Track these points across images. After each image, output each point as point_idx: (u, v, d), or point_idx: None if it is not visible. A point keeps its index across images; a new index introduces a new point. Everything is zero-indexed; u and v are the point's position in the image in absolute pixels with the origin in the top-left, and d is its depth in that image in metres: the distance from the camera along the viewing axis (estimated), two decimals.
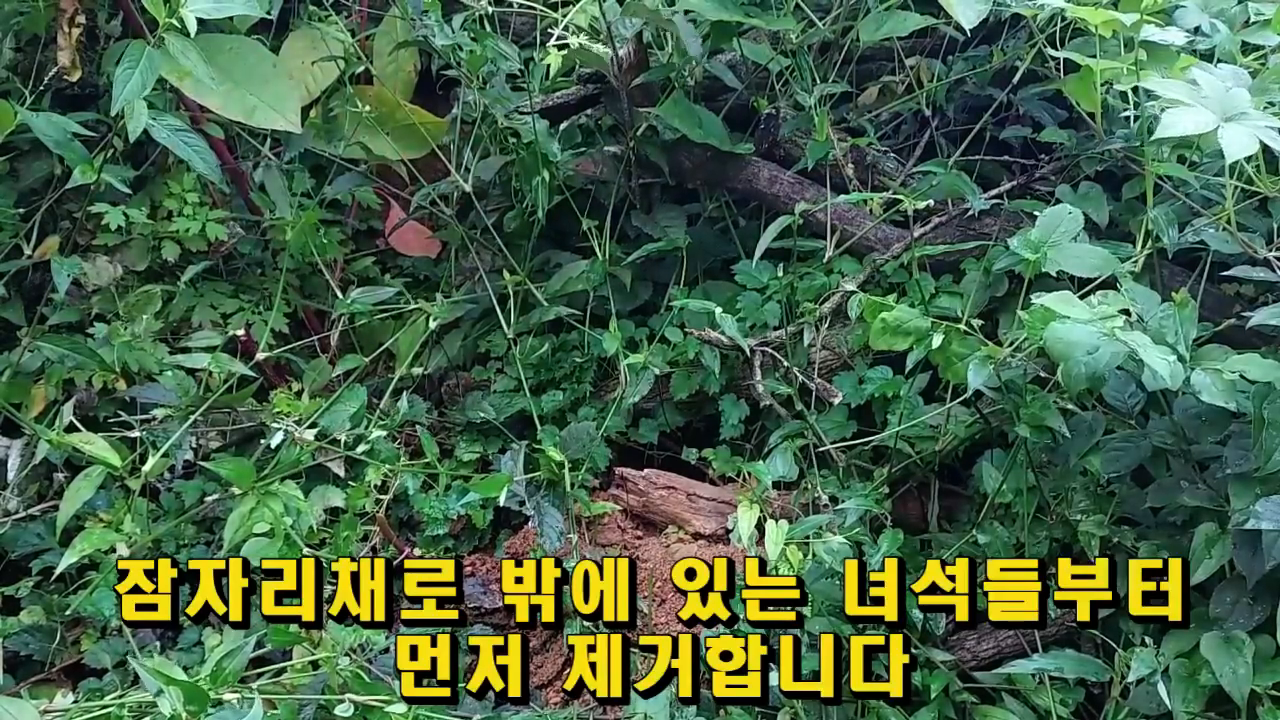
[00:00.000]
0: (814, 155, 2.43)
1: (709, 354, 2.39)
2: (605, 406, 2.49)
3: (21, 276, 2.52)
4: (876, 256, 2.40)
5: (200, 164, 2.08)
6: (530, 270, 2.61)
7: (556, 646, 2.29)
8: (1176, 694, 1.81)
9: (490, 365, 2.68)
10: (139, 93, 1.84)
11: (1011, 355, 1.91)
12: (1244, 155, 1.71)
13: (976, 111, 2.52)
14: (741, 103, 2.60)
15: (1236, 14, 2.16)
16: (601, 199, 2.64)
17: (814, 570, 2.02)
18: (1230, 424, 1.87)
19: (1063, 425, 1.94)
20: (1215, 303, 2.13)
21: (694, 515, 2.39)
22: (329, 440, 2.19)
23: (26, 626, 2.24)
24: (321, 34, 2.52)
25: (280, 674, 1.96)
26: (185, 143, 2.06)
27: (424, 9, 2.37)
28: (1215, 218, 2.03)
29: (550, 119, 2.57)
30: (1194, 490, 1.89)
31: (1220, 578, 1.84)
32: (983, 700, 2.02)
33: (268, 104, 2.34)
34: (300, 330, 2.75)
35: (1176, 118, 1.73)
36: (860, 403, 2.31)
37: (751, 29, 2.43)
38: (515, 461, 2.31)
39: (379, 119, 2.58)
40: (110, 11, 2.61)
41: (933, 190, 2.32)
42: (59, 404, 2.24)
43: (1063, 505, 2.06)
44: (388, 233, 2.93)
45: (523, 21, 2.75)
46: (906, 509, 2.31)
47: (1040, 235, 1.91)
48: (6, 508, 2.34)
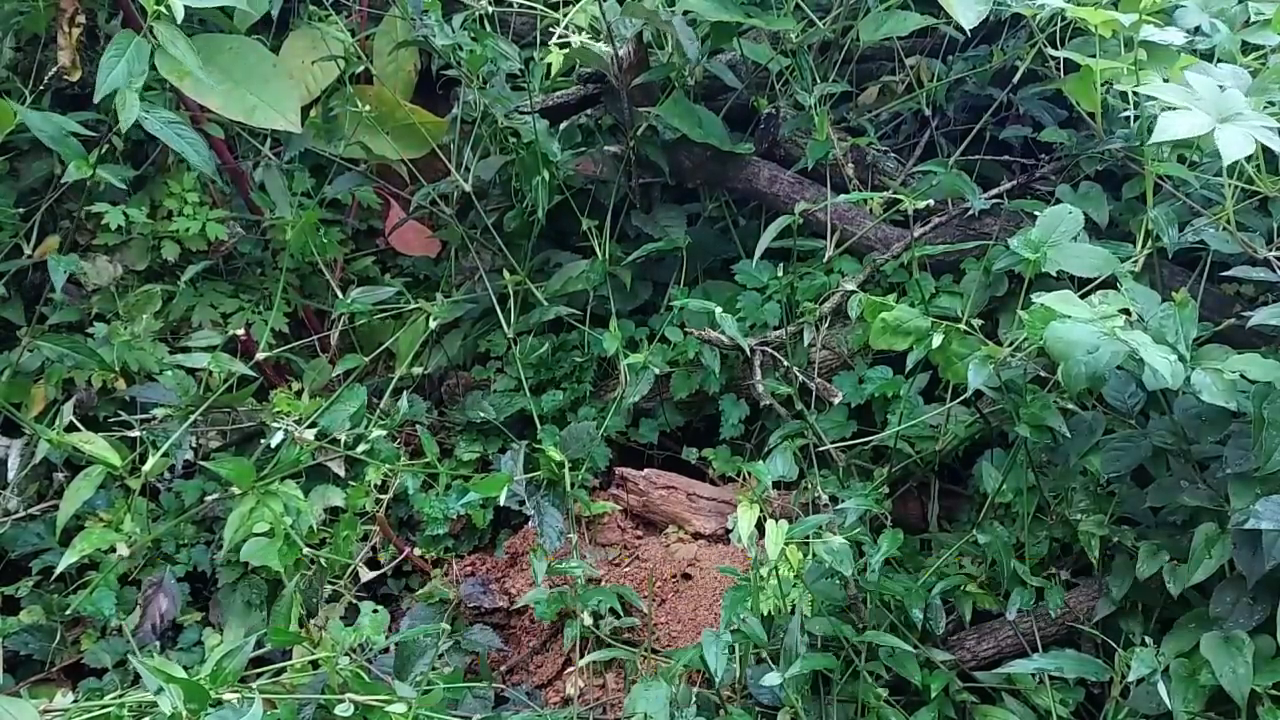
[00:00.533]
0: (814, 155, 2.44)
1: (709, 354, 2.39)
2: (605, 406, 2.49)
3: (21, 276, 2.52)
4: (876, 256, 2.40)
5: (194, 157, 2.08)
6: (530, 270, 2.61)
7: (556, 647, 2.30)
8: (1176, 694, 1.81)
9: (490, 365, 2.68)
10: (123, 81, 1.83)
11: (1011, 355, 1.91)
12: (1241, 156, 1.71)
13: (976, 111, 2.52)
14: (741, 102, 2.60)
15: (1236, 14, 2.16)
16: (601, 199, 2.64)
17: (814, 570, 2.02)
18: (1230, 424, 1.87)
19: (1063, 425, 1.94)
20: (1215, 302, 2.13)
21: (694, 515, 2.39)
22: (329, 440, 2.19)
23: (26, 626, 2.24)
24: (322, 34, 2.52)
25: (280, 674, 1.96)
26: (179, 135, 2.06)
27: (424, 9, 2.37)
28: (1215, 217, 2.03)
29: (550, 119, 2.57)
30: (1194, 490, 1.89)
31: (1220, 578, 1.84)
32: (983, 700, 2.02)
33: (268, 103, 2.33)
34: (300, 330, 2.75)
35: (1172, 121, 1.73)
36: (860, 402, 2.31)
37: (751, 29, 2.43)
38: (515, 461, 2.31)
39: (379, 119, 2.58)
40: (110, 11, 2.61)
41: (933, 190, 2.32)
42: (59, 403, 2.25)
43: (1063, 505, 2.06)
44: (388, 232, 2.93)
45: (523, 21, 2.75)
46: (906, 509, 2.31)
47: (1040, 235, 1.91)
48: (6, 507, 2.34)
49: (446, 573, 2.42)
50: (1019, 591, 2.00)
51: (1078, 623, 2.01)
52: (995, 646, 2.06)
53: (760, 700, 1.99)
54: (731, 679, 2.01)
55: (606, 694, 2.19)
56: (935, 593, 2.02)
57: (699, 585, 2.29)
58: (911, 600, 1.98)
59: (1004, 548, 2.01)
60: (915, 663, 1.95)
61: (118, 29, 2.63)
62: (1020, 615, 2.00)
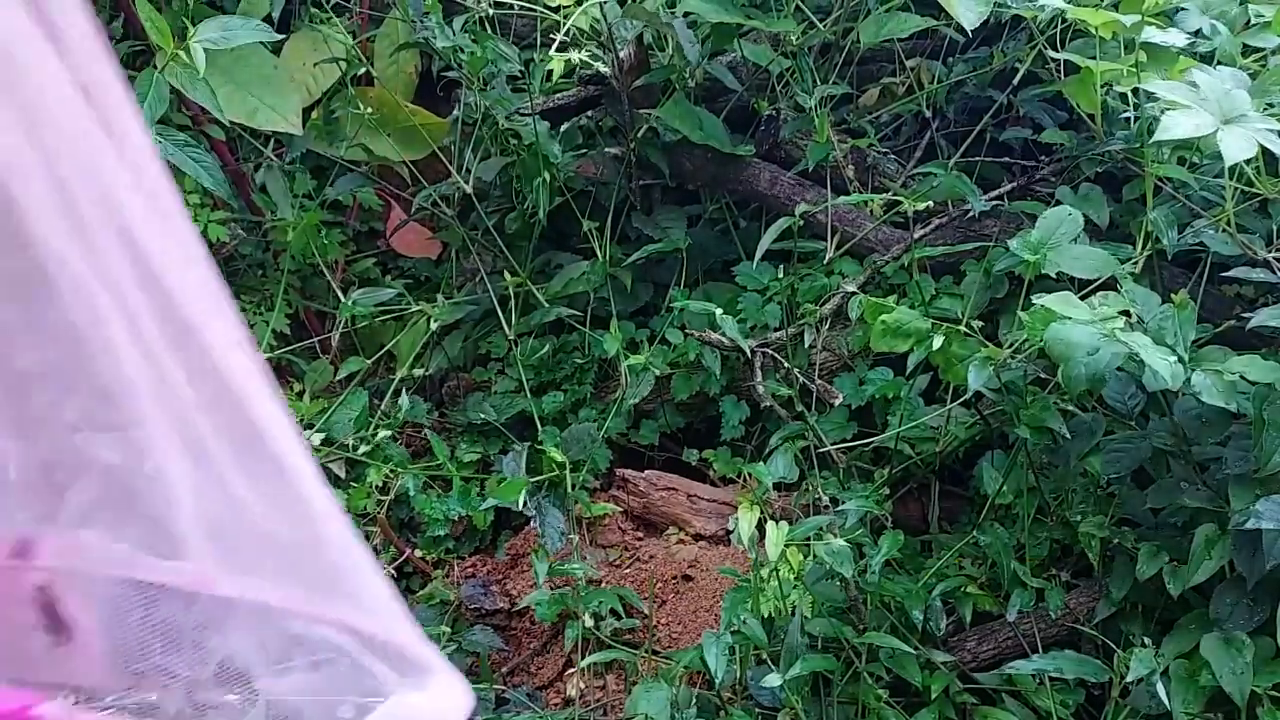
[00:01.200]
0: (814, 157, 2.44)
1: (710, 355, 2.40)
2: (606, 408, 2.49)
3: None
4: (877, 258, 2.41)
5: (208, 180, 2.08)
6: (531, 271, 2.61)
7: (557, 648, 2.30)
8: (1176, 694, 1.81)
9: (491, 366, 2.68)
10: (150, 122, 1.86)
11: (1012, 356, 1.91)
12: (1243, 158, 1.72)
13: (977, 113, 2.52)
14: (742, 104, 2.60)
15: (1237, 16, 2.16)
16: (602, 200, 2.64)
17: (814, 571, 2.02)
18: (1230, 425, 1.87)
19: (1063, 426, 1.94)
20: (1215, 304, 2.13)
21: (694, 516, 2.39)
22: (337, 446, 2.19)
23: None
24: (323, 36, 2.52)
25: None
26: (194, 159, 2.07)
27: (425, 11, 2.38)
28: (1215, 219, 2.03)
29: (551, 120, 2.57)
30: (1194, 491, 1.89)
31: (1220, 578, 1.84)
32: (983, 701, 2.02)
33: (269, 105, 2.34)
34: (301, 331, 2.75)
35: (1176, 120, 1.73)
36: (861, 404, 2.31)
37: (752, 30, 2.43)
38: (517, 463, 2.31)
39: (380, 120, 2.58)
40: (111, 13, 2.61)
41: (933, 192, 2.32)
42: None
43: (1063, 506, 2.06)
44: (389, 234, 2.93)
45: (523, 23, 2.75)
46: (907, 510, 2.31)
47: (1040, 237, 1.91)
48: None
49: (447, 574, 2.42)
50: (1019, 593, 2.00)
51: (1078, 624, 2.01)
52: (995, 648, 2.06)
53: (760, 701, 1.99)
54: (732, 680, 2.01)
55: (607, 695, 2.19)
56: (935, 594, 2.02)
57: (699, 586, 2.29)
58: (912, 601, 1.98)
59: (1004, 549, 2.01)
60: (915, 664, 1.96)
61: (119, 30, 2.64)
62: (1020, 616, 2.00)
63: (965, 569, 2.11)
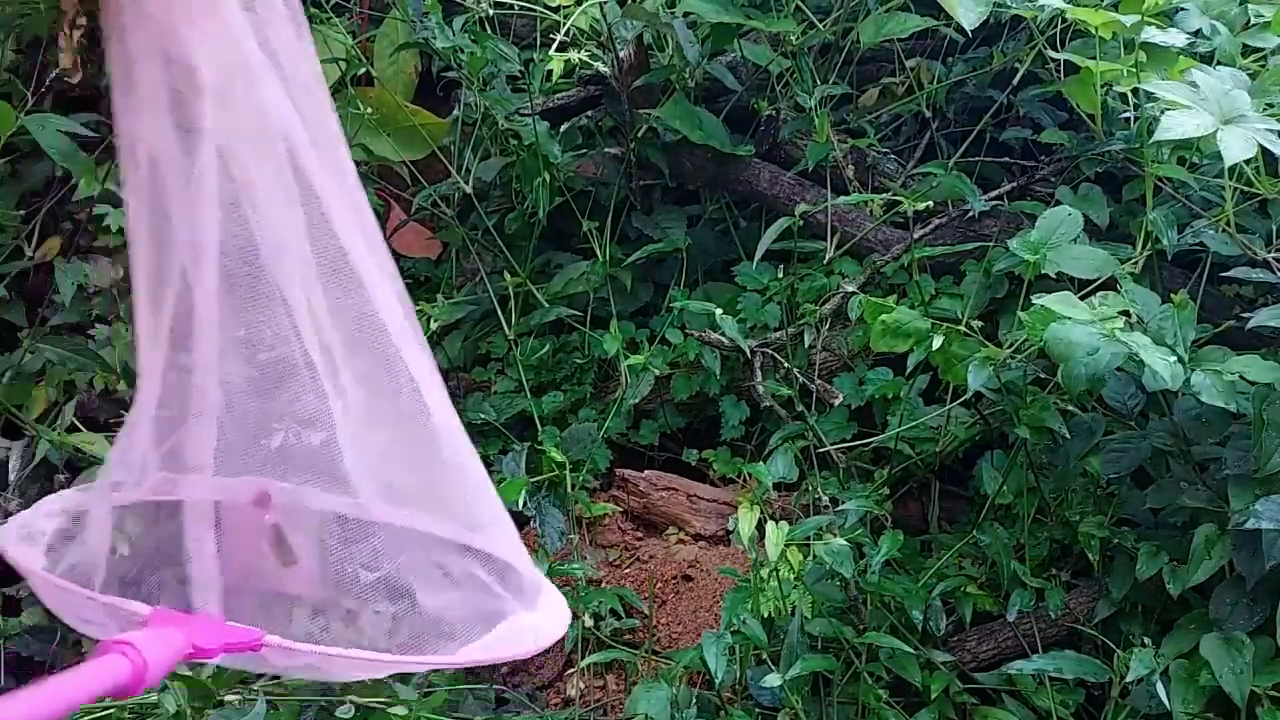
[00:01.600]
0: (814, 157, 2.44)
1: (709, 355, 2.40)
2: (606, 408, 2.49)
3: (23, 278, 2.52)
4: (877, 258, 2.41)
5: None
6: (531, 271, 2.61)
7: (557, 648, 2.30)
8: (1176, 695, 1.81)
9: (491, 366, 2.68)
10: None
11: (1011, 357, 1.91)
12: (1243, 158, 1.72)
13: (977, 113, 2.52)
14: (742, 104, 2.60)
15: (1237, 16, 2.17)
16: (602, 200, 2.64)
17: (814, 571, 2.02)
18: (1230, 425, 1.87)
19: (1063, 426, 1.94)
20: (1215, 304, 2.13)
21: (694, 516, 2.39)
22: None
23: (28, 627, 2.24)
24: (323, 36, 2.52)
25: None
26: None
27: (425, 11, 2.38)
28: (1215, 219, 2.03)
29: (551, 120, 2.57)
30: (1194, 491, 1.89)
31: (1220, 579, 1.84)
32: (983, 701, 2.02)
33: None
34: None
35: (1176, 120, 1.74)
36: (861, 404, 2.31)
37: (752, 30, 2.43)
38: (517, 463, 2.31)
39: (380, 120, 2.58)
40: None
41: (933, 192, 2.32)
42: (60, 405, 2.24)
43: (1063, 506, 2.06)
44: (389, 234, 2.93)
45: (523, 23, 2.75)
46: (907, 510, 2.32)
47: (1040, 237, 1.92)
48: (7, 509, 2.35)
49: None
50: (1019, 593, 2.00)
51: (1078, 624, 2.01)
52: (995, 648, 2.06)
53: (760, 701, 2.00)
54: (732, 680, 2.01)
55: (607, 695, 2.19)
56: (935, 594, 2.02)
57: (699, 586, 2.29)
58: (912, 601, 1.98)
59: (1004, 549, 2.02)
60: (915, 664, 1.96)
61: None
62: (1020, 616, 2.00)
63: (965, 569, 2.11)
